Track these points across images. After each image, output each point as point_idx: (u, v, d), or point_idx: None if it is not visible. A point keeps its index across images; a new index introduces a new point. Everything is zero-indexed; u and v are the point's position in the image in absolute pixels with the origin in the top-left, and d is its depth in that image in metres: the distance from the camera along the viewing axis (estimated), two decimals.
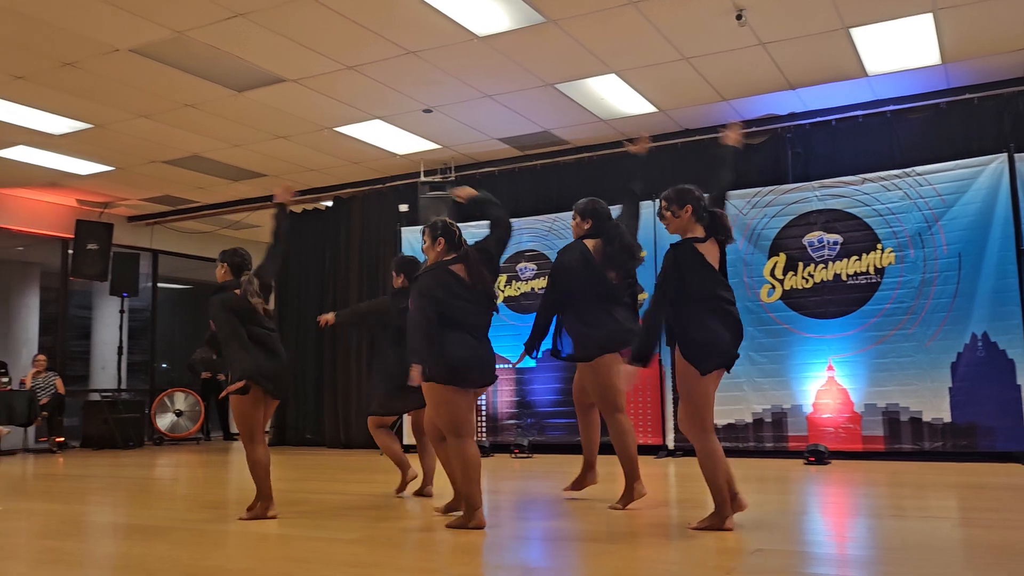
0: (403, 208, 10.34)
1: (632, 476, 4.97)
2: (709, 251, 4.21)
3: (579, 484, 5.32)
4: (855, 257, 7.79)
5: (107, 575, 3.71)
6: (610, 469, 5.46)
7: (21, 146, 9.22)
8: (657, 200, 4.57)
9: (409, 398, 5.39)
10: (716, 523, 4.11)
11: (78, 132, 8.79)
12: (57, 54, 6.90)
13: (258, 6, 6.13)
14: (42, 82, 7.44)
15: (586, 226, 5.12)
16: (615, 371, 4.86)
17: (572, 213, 5.23)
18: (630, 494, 4.95)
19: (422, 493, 5.71)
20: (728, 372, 4.24)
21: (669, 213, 4.28)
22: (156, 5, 6.09)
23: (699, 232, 4.23)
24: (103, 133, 8.84)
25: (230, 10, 6.18)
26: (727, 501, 4.12)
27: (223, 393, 4.98)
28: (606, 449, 5.16)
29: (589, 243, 5.06)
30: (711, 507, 4.16)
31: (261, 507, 4.87)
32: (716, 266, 4.22)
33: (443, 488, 5.35)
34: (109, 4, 6.04)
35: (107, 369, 12.71)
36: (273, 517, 4.84)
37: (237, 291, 4.79)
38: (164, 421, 11.98)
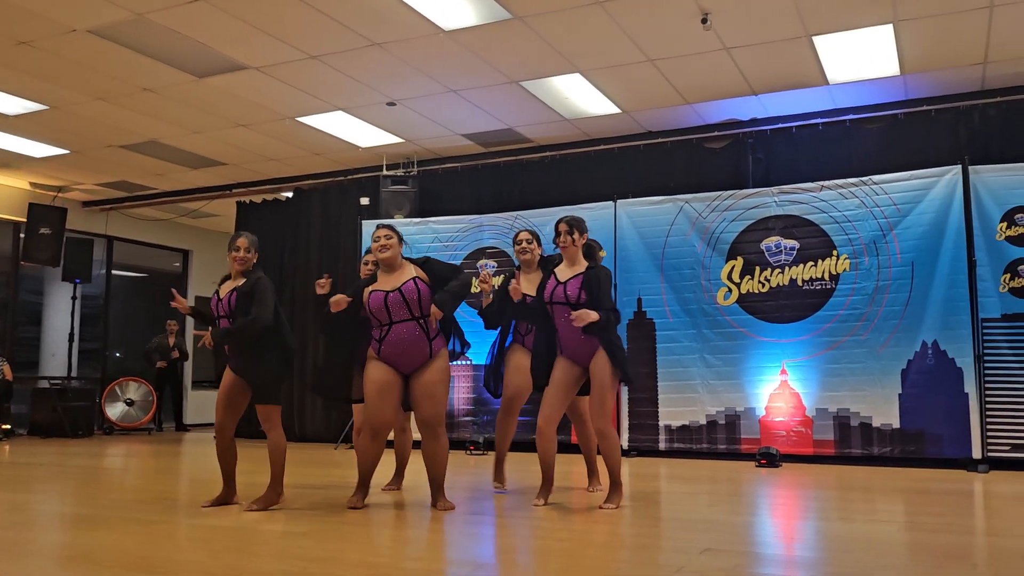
0: (364, 201, 10.28)
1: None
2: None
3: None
4: (811, 263, 7.89)
5: (53, 565, 3.63)
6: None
7: None
8: (561, 223, 4.88)
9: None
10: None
11: (33, 113, 8.59)
12: (12, 32, 6.74)
13: None
14: None
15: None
16: None
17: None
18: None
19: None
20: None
21: (573, 237, 4.81)
22: None
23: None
24: (59, 115, 8.66)
25: None
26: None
27: None
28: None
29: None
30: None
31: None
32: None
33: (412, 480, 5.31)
34: None
35: (57, 356, 12.45)
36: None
37: None
38: (115, 410, 11.78)
